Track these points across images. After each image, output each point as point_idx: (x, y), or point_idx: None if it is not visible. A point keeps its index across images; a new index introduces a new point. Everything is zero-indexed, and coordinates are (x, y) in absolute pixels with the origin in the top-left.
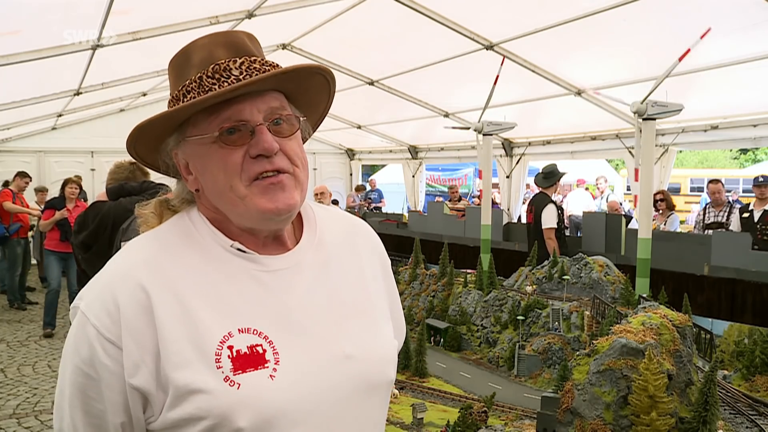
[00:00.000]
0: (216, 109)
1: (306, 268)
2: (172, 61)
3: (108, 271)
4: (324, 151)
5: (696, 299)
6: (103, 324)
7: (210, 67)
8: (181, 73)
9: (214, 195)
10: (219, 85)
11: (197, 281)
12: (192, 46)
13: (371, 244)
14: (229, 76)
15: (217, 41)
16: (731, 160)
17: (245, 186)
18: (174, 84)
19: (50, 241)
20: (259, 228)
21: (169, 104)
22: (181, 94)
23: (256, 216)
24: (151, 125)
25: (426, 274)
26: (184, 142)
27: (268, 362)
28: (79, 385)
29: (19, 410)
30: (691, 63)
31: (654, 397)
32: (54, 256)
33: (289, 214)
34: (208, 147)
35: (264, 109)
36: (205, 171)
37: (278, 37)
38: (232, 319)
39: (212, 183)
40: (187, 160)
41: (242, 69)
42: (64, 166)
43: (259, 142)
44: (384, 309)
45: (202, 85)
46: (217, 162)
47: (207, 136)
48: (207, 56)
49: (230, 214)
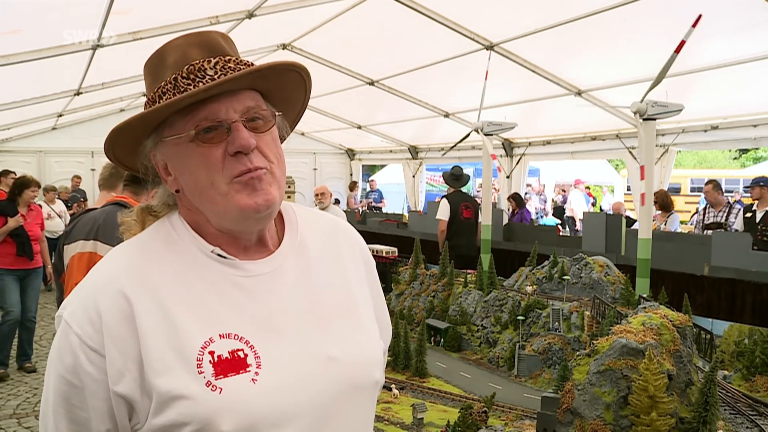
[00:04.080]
0: (191, 110)
1: (288, 271)
2: (147, 63)
3: (90, 279)
4: (324, 151)
5: (696, 299)
6: (86, 332)
7: (185, 68)
8: (156, 74)
9: (195, 194)
10: (194, 86)
11: (178, 287)
12: (166, 48)
13: (355, 246)
14: (204, 77)
15: (191, 41)
16: (730, 161)
17: (226, 183)
18: (150, 86)
19: (3, 258)
20: (239, 229)
21: (146, 106)
22: (156, 95)
23: (236, 214)
24: (128, 127)
25: (426, 274)
26: (162, 143)
27: (250, 366)
28: (62, 393)
29: (20, 410)
30: (691, 63)
31: (654, 398)
32: (9, 277)
33: (268, 210)
34: (186, 146)
35: (239, 109)
36: (185, 170)
37: (278, 37)
38: (213, 325)
39: (193, 181)
40: (165, 161)
41: (217, 69)
42: (64, 166)
43: (236, 138)
44: (369, 310)
45: (177, 86)
46: (196, 160)
47: (183, 135)
48: (181, 57)
49: (210, 213)
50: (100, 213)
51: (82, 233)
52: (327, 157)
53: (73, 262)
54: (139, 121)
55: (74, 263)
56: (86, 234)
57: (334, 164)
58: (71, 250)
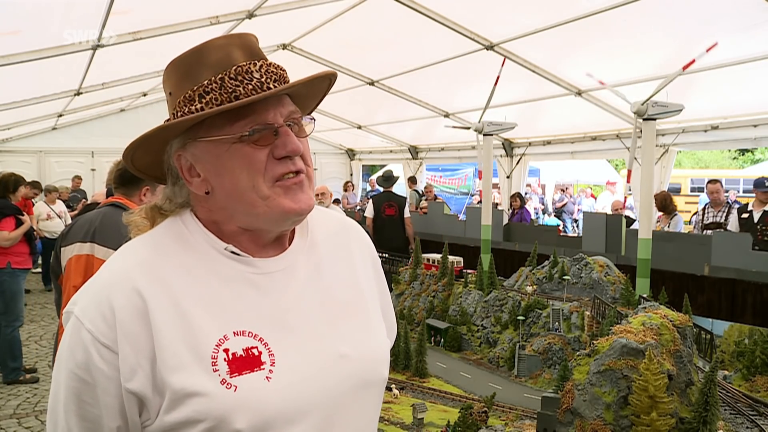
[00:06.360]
0: (239, 111)
1: (299, 269)
2: (178, 60)
3: (103, 274)
4: (324, 151)
5: (696, 299)
6: (99, 329)
7: (232, 69)
8: (191, 72)
9: (232, 196)
10: (243, 87)
11: (192, 284)
12: (207, 46)
13: (362, 244)
14: (252, 79)
15: (234, 43)
16: (730, 161)
17: (268, 187)
18: (179, 83)
19: (17, 257)
20: (272, 229)
21: (179, 103)
22: (196, 93)
23: (278, 216)
24: (177, 126)
25: (426, 274)
26: (194, 143)
27: (264, 364)
28: (74, 390)
29: (20, 410)
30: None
31: (654, 398)
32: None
33: (308, 213)
34: (228, 147)
35: (284, 113)
36: (223, 172)
37: (278, 37)
38: (227, 322)
39: (231, 184)
40: (193, 162)
41: (262, 72)
42: (64, 166)
43: (286, 143)
44: (377, 308)
45: (224, 86)
46: (239, 162)
47: (228, 137)
48: (225, 57)
49: (245, 215)
50: (96, 214)
51: (79, 235)
52: (327, 157)
53: (70, 265)
54: (193, 120)
55: (72, 265)
56: (83, 236)
57: (334, 164)
58: (68, 253)
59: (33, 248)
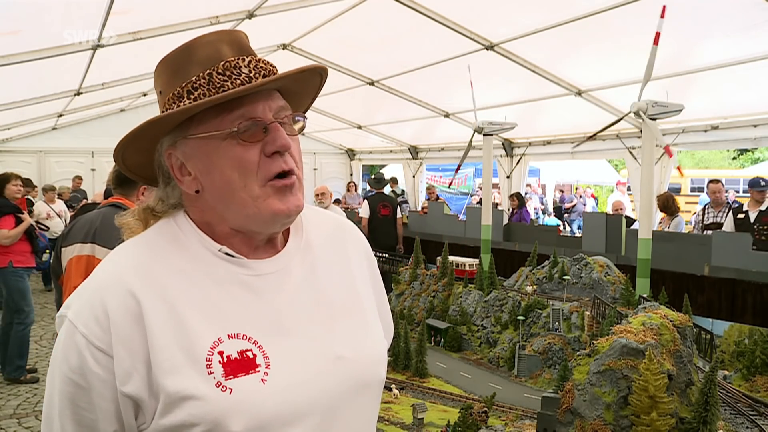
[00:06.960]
0: (227, 106)
1: (294, 270)
2: (168, 58)
3: (96, 277)
4: (324, 151)
5: (696, 299)
6: (93, 332)
7: (220, 64)
8: (180, 69)
9: (222, 195)
10: (231, 83)
11: (186, 286)
12: (195, 43)
13: (358, 245)
14: (240, 74)
15: (222, 39)
16: (729, 161)
17: (260, 186)
18: (169, 81)
19: (19, 256)
20: (261, 230)
21: (168, 100)
22: (185, 90)
23: (267, 218)
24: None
25: (426, 274)
26: (184, 140)
27: (259, 367)
28: (68, 395)
29: (20, 410)
30: (691, 63)
31: (654, 398)
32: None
33: (297, 215)
34: (219, 144)
35: (274, 108)
36: (213, 170)
37: (278, 37)
38: (221, 325)
39: (222, 182)
40: (184, 160)
41: (250, 67)
42: (64, 166)
43: (275, 138)
44: (373, 309)
45: (212, 81)
46: (230, 160)
47: (218, 132)
48: (214, 53)
49: (235, 215)
50: (96, 215)
51: (80, 236)
52: (327, 157)
53: (71, 265)
54: (179, 114)
55: (72, 266)
56: (83, 237)
57: (334, 164)
58: (69, 253)
59: (35, 247)
